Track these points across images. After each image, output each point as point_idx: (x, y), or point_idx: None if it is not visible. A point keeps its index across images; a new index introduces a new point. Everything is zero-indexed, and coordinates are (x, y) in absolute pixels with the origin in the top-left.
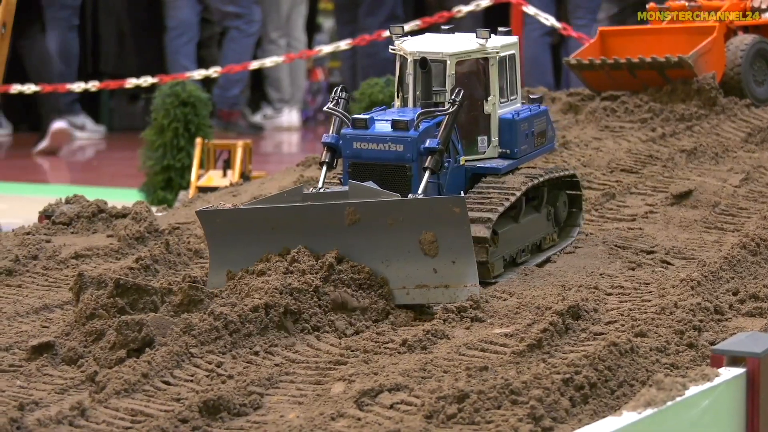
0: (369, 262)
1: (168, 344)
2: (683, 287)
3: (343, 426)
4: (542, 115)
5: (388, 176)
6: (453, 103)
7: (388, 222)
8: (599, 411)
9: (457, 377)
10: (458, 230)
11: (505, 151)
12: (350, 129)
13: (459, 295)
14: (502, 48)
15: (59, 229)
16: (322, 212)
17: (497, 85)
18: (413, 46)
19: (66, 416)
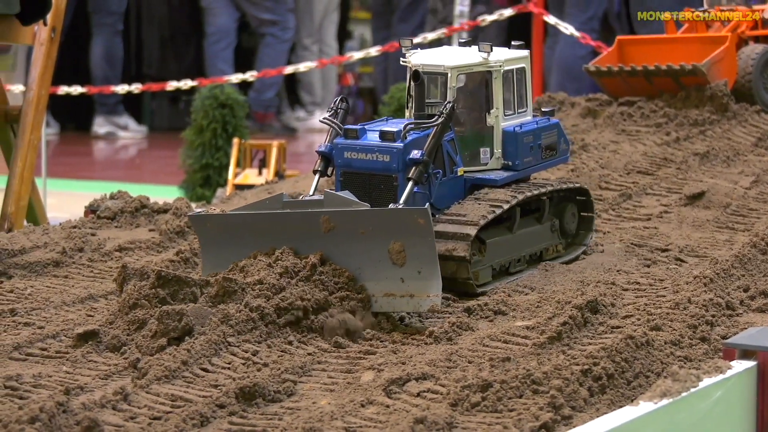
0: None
1: (207, 333)
2: (696, 284)
3: (373, 413)
4: (552, 128)
5: (376, 186)
6: (440, 115)
7: (360, 231)
8: (616, 401)
9: (480, 367)
10: (423, 241)
11: (508, 163)
12: (342, 139)
13: (422, 305)
14: (506, 61)
15: (104, 223)
16: (300, 219)
17: (501, 98)
18: (418, 58)
19: (109, 400)
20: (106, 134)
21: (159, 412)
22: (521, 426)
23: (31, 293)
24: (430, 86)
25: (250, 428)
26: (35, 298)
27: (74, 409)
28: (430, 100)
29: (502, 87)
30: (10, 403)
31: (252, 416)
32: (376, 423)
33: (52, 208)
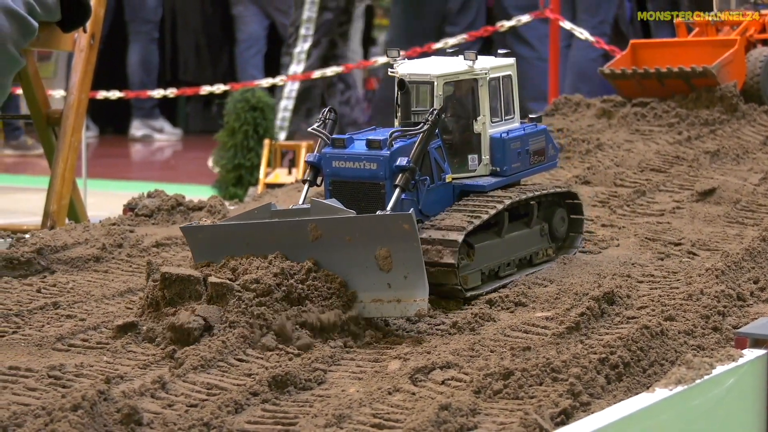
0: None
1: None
2: (708, 276)
3: (399, 400)
4: (540, 134)
5: (364, 194)
6: (426, 122)
7: (346, 238)
8: (632, 388)
9: (502, 356)
10: (409, 246)
11: (496, 169)
12: (330, 148)
13: (409, 309)
14: (492, 69)
15: (142, 220)
16: (288, 228)
17: (487, 105)
18: (405, 68)
19: (148, 389)
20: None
21: (195, 399)
22: (542, 412)
23: (73, 287)
24: (418, 95)
25: (283, 415)
26: (77, 292)
27: (115, 397)
28: (417, 108)
29: (488, 94)
30: (53, 391)
31: (284, 403)
32: (403, 409)
33: (93, 206)
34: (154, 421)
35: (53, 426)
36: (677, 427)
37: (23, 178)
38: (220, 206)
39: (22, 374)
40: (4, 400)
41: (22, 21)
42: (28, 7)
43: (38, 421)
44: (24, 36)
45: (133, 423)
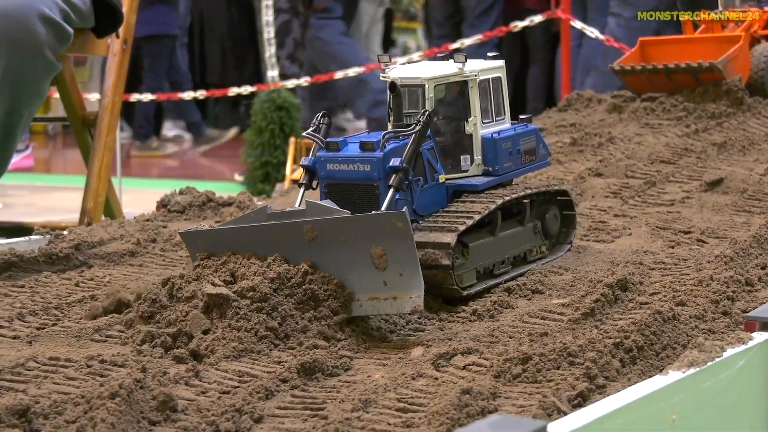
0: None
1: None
2: (717, 262)
3: (422, 384)
4: (530, 134)
5: (359, 195)
6: (418, 123)
7: (342, 238)
8: (646, 370)
9: (521, 342)
10: (403, 243)
11: (488, 169)
12: (324, 152)
13: (405, 306)
14: (482, 71)
15: (174, 216)
16: (284, 230)
17: (478, 107)
18: (397, 72)
19: (182, 377)
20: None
21: (227, 386)
22: (559, 395)
23: (110, 281)
24: (410, 99)
25: (311, 400)
26: (113, 285)
27: (150, 386)
28: (409, 111)
29: (478, 96)
30: (92, 380)
31: (312, 389)
32: (426, 394)
33: (127, 204)
34: (189, 407)
35: (92, 413)
36: (690, 407)
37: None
38: (249, 202)
39: (62, 364)
40: (45, 389)
41: (58, 27)
42: (63, 14)
43: (78, 408)
44: (60, 42)
45: (169, 409)
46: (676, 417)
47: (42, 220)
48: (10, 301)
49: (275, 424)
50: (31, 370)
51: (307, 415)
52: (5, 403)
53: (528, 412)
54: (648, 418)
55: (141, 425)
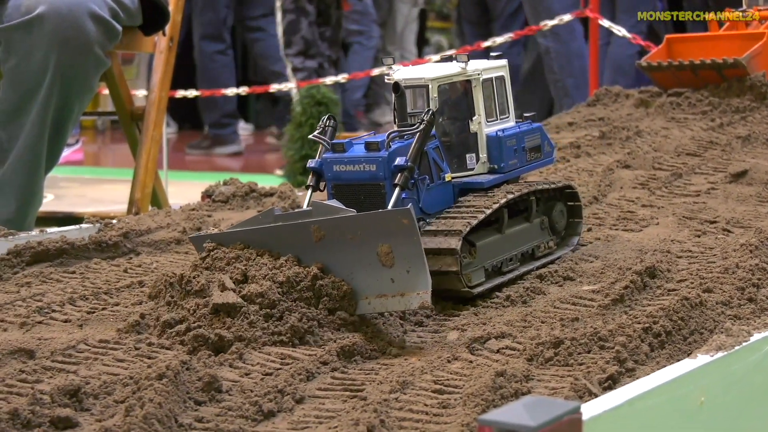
0: (338, 276)
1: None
2: (743, 251)
3: (458, 367)
4: (535, 132)
5: (365, 195)
6: (421, 122)
7: (348, 237)
8: (674, 355)
9: (552, 326)
10: (409, 240)
11: (494, 167)
12: (330, 153)
13: (412, 302)
14: (485, 71)
15: (218, 206)
16: (292, 231)
17: (482, 105)
18: (401, 74)
19: (227, 359)
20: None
21: (270, 368)
22: (590, 378)
23: (157, 267)
24: (416, 99)
25: (350, 382)
26: (160, 272)
27: (196, 367)
28: (413, 111)
29: (482, 95)
30: (140, 362)
31: (351, 371)
32: (461, 376)
33: (173, 195)
34: (233, 388)
35: (140, 394)
36: (718, 390)
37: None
38: (290, 192)
39: (111, 347)
40: (95, 370)
41: (107, 25)
42: (112, 13)
43: (126, 389)
44: (109, 39)
45: (213, 390)
46: (705, 399)
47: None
48: (61, 287)
49: (316, 404)
50: (81, 352)
51: (346, 396)
52: (57, 384)
53: (560, 394)
54: (677, 400)
55: (187, 405)
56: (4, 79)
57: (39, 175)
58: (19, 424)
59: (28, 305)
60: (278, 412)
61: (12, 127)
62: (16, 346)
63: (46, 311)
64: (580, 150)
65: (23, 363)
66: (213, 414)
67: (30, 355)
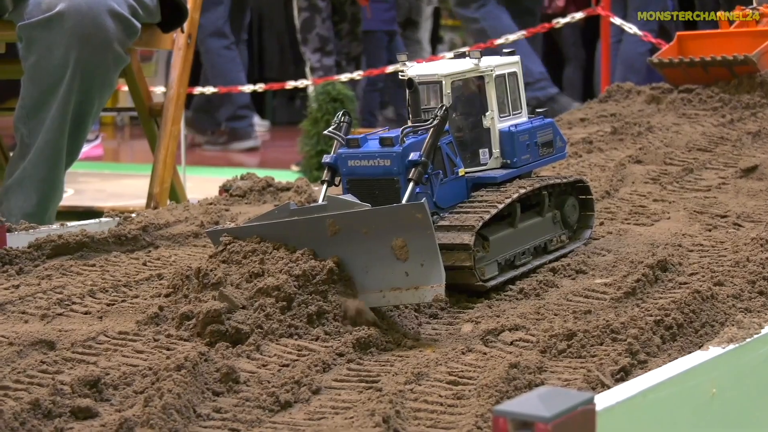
0: (352, 270)
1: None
2: (754, 245)
3: (472, 359)
4: (547, 127)
5: (379, 190)
6: (435, 118)
7: (363, 231)
8: (685, 347)
9: (565, 319)
10: (423, 234)
11: (506, 162)
12: (345, 149)
13: (426, 295)
14: (497, 67)
15: (235, 200)
16: (308, 225)
17: (494, 101)
18: (414, 70)
19: (244, 350)
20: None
21: (287, 360)
22: (603, 369)
23: (175, 260)
24: (430, 95)
25: (366, 373)
26: (178, 265)
27: (214, 358)
28: (427, 107)
29: (494, 90)
30: (159, 353)
31: (367, 363)
32: (476, 368)
33: (191, 190)
34: (250, 379)
35: (159, 384)
36: (730, 381)
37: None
38: (306, 187)
39: (131, 338)
40: (115, 361)
41: (126, 22)
42: (131, 10)
43: (145, 380)
44: (128, 36)
45: (231, 381)
46: (716, 391)
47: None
48: (81, 279)
49: (332, 395)
50: (101, 344)
51: (362, 387)
52: (77, 375)
53: (573, 386)
54: (689, 391)
55: (205, 395)
56: (25, 75)
57: (60, 169)
58: (40, 414)
59: (48, 297)
60: (295, 403)
61: (33, 123)
62: (37, 337)
63: (67, 304)
64: (592, 145)
65: (44, 354)
66: (231, 404)
67: (51, 346)
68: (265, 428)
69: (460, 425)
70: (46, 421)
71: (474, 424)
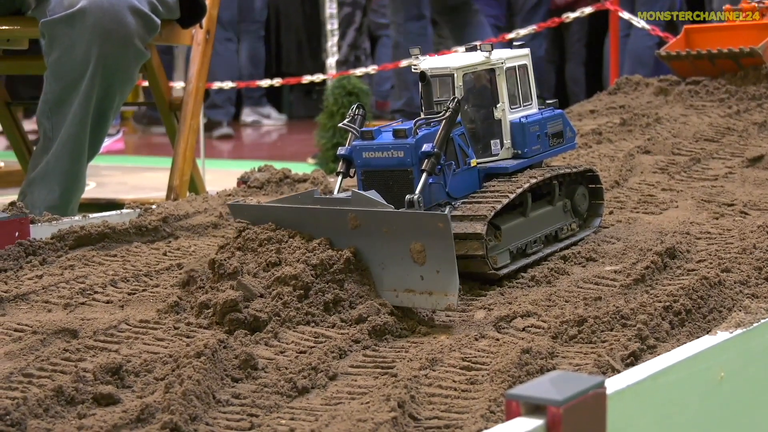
0: (369, 264)
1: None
2: (760, 232)
3: (485, 345)
4: (557, 118)
5: (393, 181)
6: (447, 110)
7: (383, 230)
8: (694, 332)
9: (576, 305)
10: (442, 243)
11: (517, 152)
12: (359, 141)
13: (439, 303)
14: (508, 59)
15: (253, 191)
16: (329, 215)
17: (505, 93)
18: (427, 63)
19: (263, 338)
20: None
21: (304, 347)
22: (613, 354)
23: (195, 250)
24: (440, 88)
25: (382, 359)
26: (198, 255)
27: (233, 345)
28: (439, 99)
29: (506, 82)
30: (179, 341)
31: (382, 349)
32: (488, 353)
33: (210, 182)
34: (268, 366)
35: (179, 371)
36: (738, 365)
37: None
38: (323, 178)
39: (151, 326)
40: (136, 349)
41: (146, 18)
42: (151, 7)
43: (166, 367)
44: (148, 32)
45: (250, 368)
46: (725, 374)
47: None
48: (103, 269)
49: (348, 381)
50: (123, 332)
51: (378, 373)
52: (100, 362)
53: (584, 371)
54: (698, 375)
55: (224, 382)
56: (48, 71)
57: (82, 162)
58: (63, 400)
59: (71, 287)
60: (312, 389)
61: (56, 117)
62: (60, 326)
63: (89, 293)
64: (601, 136)
65: (67, 342)
66: (249, 390)
67: (73, 334)
68: (282, 413)
69: (474, 409)
70: (69, 408)
71: (487, 409)
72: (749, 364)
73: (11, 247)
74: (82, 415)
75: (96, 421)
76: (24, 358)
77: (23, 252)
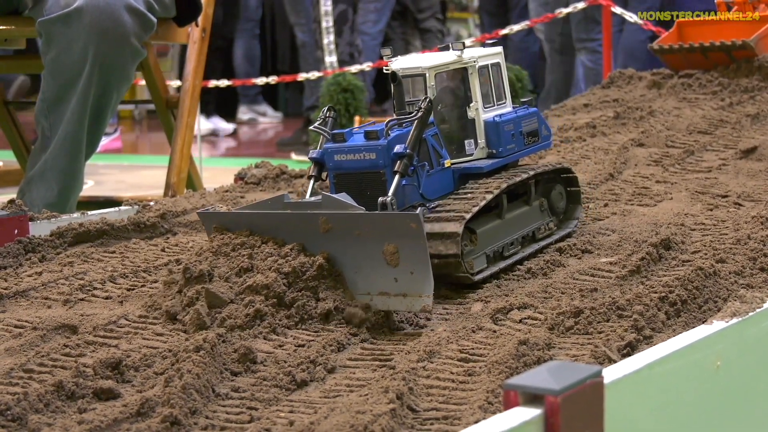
0: (342, 269)
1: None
2: (754, 223)
3: (482, 337)
4: (532, 116)
5: (366, 183)
6: (419, 110)
7: (355, 232)
8: (689, 322)
9: (572, 297)
10: (415, 243)
11: (492, 152)
12: (331, 143)
13: (414, 305)
14: (480, 57)
15: (250, 187)
16: (300, 220)
17: (478, 92)
18: (398, 64)
19: (261, 332)
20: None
21: (303, 341)
22: (609, 345)
23: (192, 246)
24: (413, 88)
25: (380, 351)
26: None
27: (232, 340)
28: (412, 99)
29: (478, 81)
30: (177, 336)
31: (381, 342)
32: (486, 345)
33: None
34: (267, 359)
35: (178, 365)
36: (734, 354)
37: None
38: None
39: (151, 321)
40: (136, 344)
41: (142, 17)
42: (147, 5)
43: (165, 361)
44: (144, 30)
45: (249, 361)
46: (721, 363)
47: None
48: (102, 265)
49: (347, 373)
50: (122, 327)
51: (376, 366)
52: (99, 357)
53: (581, 361)
54: (695, 364)
55: (224, 375)
56: (45, 70)
57: (79, 161)
58: (64, 395)
59: (70, 283)
60: (311, 382)
61: (54, 116)
62: (60, 322)
63: (88, 289)
64: (595, 130)
65: (67, 338)
66: (249, 384)
67: (73, 330)
68: (282, 406)
69: (472, 401)
70: (69, 402)
71: (485, 400)
72: (745, 353)
73: (11, 245)
74: (82, 409)
75: (96, 415)
76: (24, 354)
77: (23, 249)
